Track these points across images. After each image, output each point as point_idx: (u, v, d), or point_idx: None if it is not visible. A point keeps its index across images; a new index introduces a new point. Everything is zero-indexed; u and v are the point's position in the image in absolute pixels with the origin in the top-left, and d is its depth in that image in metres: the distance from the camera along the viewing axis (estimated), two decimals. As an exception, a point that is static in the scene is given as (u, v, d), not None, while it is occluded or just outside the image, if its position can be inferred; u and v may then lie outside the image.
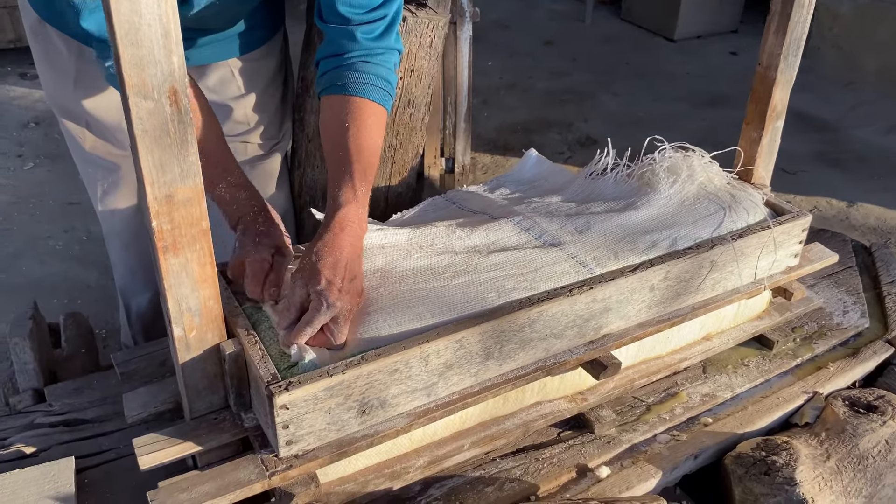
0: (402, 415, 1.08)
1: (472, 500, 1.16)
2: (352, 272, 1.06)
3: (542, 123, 3.73)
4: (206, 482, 1.00)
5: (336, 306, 1.01)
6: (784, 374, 1.46)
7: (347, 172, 1.15)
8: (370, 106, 1.21)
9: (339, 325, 1.02)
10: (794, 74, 1.44)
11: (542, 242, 1.24)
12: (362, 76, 1.22)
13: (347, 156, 1.16)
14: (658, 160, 1.39)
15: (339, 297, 1.02)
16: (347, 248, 1.07)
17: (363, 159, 1.17)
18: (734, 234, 1.33)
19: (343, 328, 1.03)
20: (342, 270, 1.04)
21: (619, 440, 1.28)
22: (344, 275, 1.04)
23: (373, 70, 1.23)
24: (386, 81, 1.24)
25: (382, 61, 1.24)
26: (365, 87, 1.21)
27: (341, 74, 1.23)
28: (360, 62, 1.23)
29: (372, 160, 1.19)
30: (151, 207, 0.90)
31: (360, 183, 1.14)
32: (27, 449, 1.22)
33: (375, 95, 1.22)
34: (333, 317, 1.02)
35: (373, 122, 1.21)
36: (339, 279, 1.03)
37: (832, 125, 3.71)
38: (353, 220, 1.11)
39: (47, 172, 3.17)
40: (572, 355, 1.20)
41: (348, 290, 1.04)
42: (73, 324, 1.60)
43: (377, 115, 1.22)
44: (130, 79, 0.82)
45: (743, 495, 1.21)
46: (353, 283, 1.06)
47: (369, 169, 1.18)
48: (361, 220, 1.13)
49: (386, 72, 1.24)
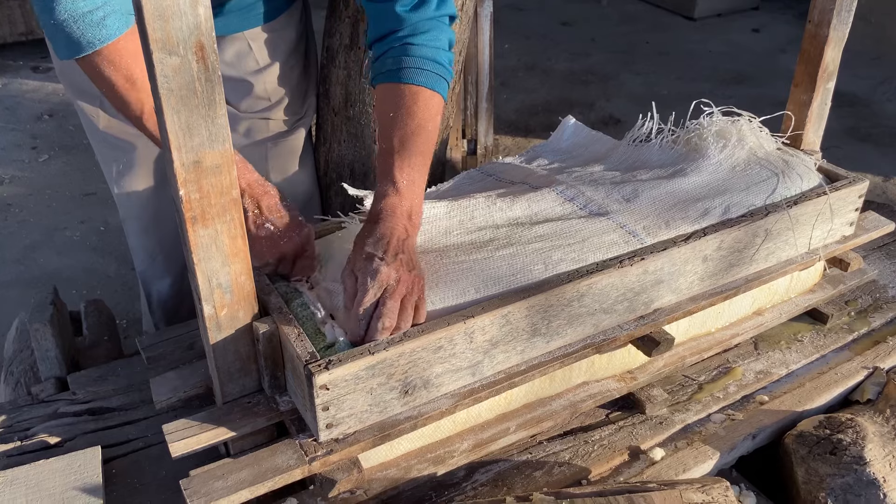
0: (446, 395, 1.02)
1: (520, 485, 1.09)
2: (400, 250, 1.00)
3: (564, 104, 3.65)
4: (242, 469, 0.94)
5: (381, 272, 0.95)
6: (840, 349, 1.38)
7: (387, 165, 1.09)
8: (414, 91, 1.14)
9: (394, 296, 0.95)
10: (846, 31, 1.36)
11: (588, 212, 1.17)
12: (407, 60, 1.14)
13: (390, 147, 1.10)
14: (706, 125, 1.31)
15: (386, 263, 0.96)
16: (389, 231, 1.01)
17: (406, 149, 1.10)
18: (789, 201, 1.25)
19: (408, 308, 0.96)
20: (390, 245, 0.98)
21: (671, 420, 1.21)
22: (392, 248, 0.98)
23: (418, 52, 1.15)
24: (433, 62, 1.15)
25: (428, 40, 1.16)
26: (408, 73, 1.14)
27: (385, 61, 1.17)
28: (405, 45, 1.16)
29: (419, 148, 1.11)
30: (178, 175, 0.83)
31: (401, 174, 1.07)
32: (51, 439, 1.17)
33: (421, 79, 1.14)
34: (393, 288, 0.96)
35: (419, 108, 1.13)
36: (384, 252, 0.97)
37: (862, 100, 3.61)
38: (390, 210, 1.04)
39: (62, 164, 3.13)
40: (622, 331, 1.13)
41: (399, 266, 0.97)
42: (95, 311, 1.55)
43: (424, 100, 1.14)
44: (154, 32, 0.75)
45: (807, 476, 1.14)
46: (404, 258, 0.99)
47: (416, 157, 1.10)
48: (407, 211, 1.06)
49: (433, 52, 1.16)
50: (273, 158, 1.57)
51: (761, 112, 1.40)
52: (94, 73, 1.07)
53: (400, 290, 0.96)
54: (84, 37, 1.02)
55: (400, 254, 0.99)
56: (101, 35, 1.02)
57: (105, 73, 1.06)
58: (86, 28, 1.01)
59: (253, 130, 1.53)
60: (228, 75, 1.46)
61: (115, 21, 1.02)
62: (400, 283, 0.96)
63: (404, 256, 0.99)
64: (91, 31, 1.01)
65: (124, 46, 1.04)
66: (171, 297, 1.66)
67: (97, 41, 1.02)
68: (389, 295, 0.95)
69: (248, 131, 1.53)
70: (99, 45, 1.02)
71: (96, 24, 1.01)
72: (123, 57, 1.05)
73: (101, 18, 1.01)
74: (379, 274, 0.95)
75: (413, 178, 1.09)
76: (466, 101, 2.49)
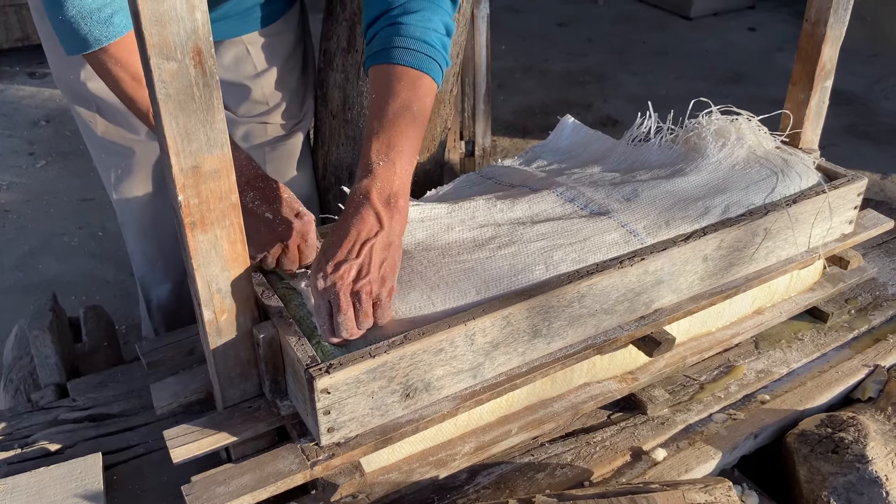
0: (447, 398, 1.01)
1: (522, 487, 1.09)
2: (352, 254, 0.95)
3: (561, 105, 3.65)
4: (244, 474, 0.94)
5: (317, 288, 0.93)
6: (841, 347, 1.38)
7: (365, 149, 1.04)
8: (400, 71, 1.10)
9: (339, 310, 0.93)
10: (843, 30, 1.36)
11: (589, 211, 1.17)
12: (394, 40, 1.11)
13: (370, 130, 1.06)
14: (704, 124, 1.31)
15: (324, 277, 0.93)
16: (348, 229, 0.97)
17: (386, 130, 1.05)
18: (788, 200, 1.25)
19: (343, 311, 0.93)
20: (339, 251, 0.95)
21: (673, 421, 1.21)
22: (338, 256, 0.94)
23: (405, 31, 1.11)
24: (421, 42, 1.11)
25: (418, 19, 1.12)
26: (394, 53, 1.10)
27: (374, 43, 1.14)
28: (394, 24, 1.12)
29: (400, 129, 1.05)
30: (177, 180, 0.83)
31: (378, 156, 1.02)
32: (52, 446, 1.17)
33: (408, 59, 1.10)
34: (336, 303, 0.93)
35: (402, 88, 1.08)
36: (327, 261, 0.94)
37: (860, 98, 3.61)
38: (360, 197, 0.99)
39: (59, 169, 3.12)
40: (623, 332, 1.13)
41: (344, 270, 0.94)
42: (94, 317, 1.55)
43: (410, 80, 1.09)
44: (151, 37, 0.75)
45: (809, 475, 1.14)
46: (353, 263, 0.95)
47: (397, 137, 1.04)
48: (383, 195, 1.00)
49: (421, 31, 1.12)
50: (271, 162, 1.57)
51: (759, 111, 1.40)
52: (102, 69, 1.07)
53: (343, 303, 0.93)
54: (91, 34, 1.02)
55: (348, 261, 0.94)
56: (108, 32, 1.02)
57: (112, 71, 1.06)
58: (93, 25, 1.02)
59: (251, 135, 1.53)
60: (226, 80, 1.46)
61: (122, 19, 1.03)
62: (341, 297, 0.92)
63: (352, 264, 0.94)
64: (98, 29, 1.02)
65: (131, 44, 1.04)
66: (170, 302, 1.65)
67: (104, 38, 1.03)
68: (336, 310, 0.93)
69: (246, 136, 1.53)
70: (105, 42, 1.03)
71: (104, 21, 1.02)
72: (130, 54, 1.05)
73: (108, 16, 1.02)
74: (316, 290, 0.93)
75: (392, 158, 1.02)
76: (464, 102, 2.48)
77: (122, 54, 1.05)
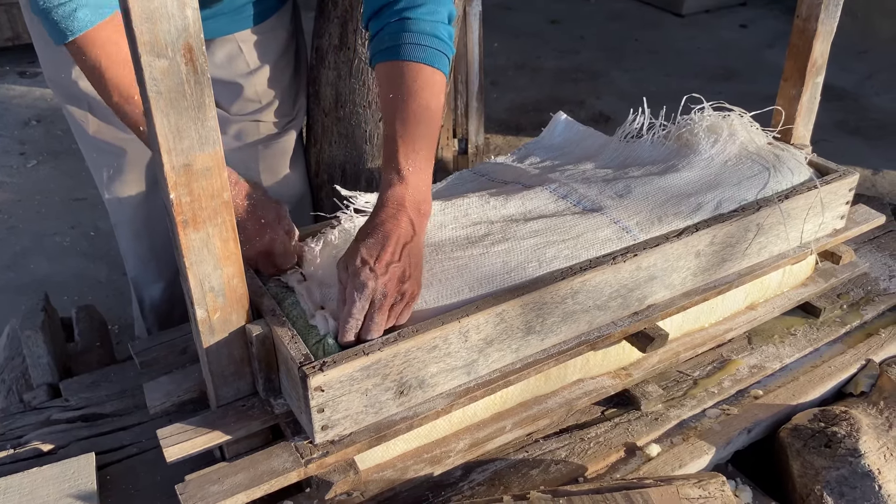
0: (441, 395, 1.01)
1: (516, 483, 1.09)
2: (396, 257, 0.97)
3: (554, 102, 3.65)
4: (238, 473, 0.93)
5: (368, 287, 0.93)
6: (833, 342, 1.39)
7: (390, 151, 1.05)
8: (415, 68, 1.09)
9: (381, 310, 0.94)
10: (835, 26, 1.36)
11: (582, 208, 1.17)
12: (405, 36, 1.10)
13: (392, 132, 1.06)
14: (697, 120, 1.31)
15: (375, 277, 0.94)
16: (390, 232, 0.98)
17: (409, 133, 1.06)
18: (780, 196, 1.26)
19: (392, 316, 0.96)
20: (385, 252, 0.96)
21: (667, 416, 1.21)
22: (386, 257, 0.96)
23: (415, 27, 1.10)
24: (433, 37, 1.10)
25: (426, 13, 1.11)
26: (407, 49, 1.09)
27: (383, 38, 1.13)
28: (402, 19, 1.11)
29: (423, 131, 1.07)
30: (169, 178, 0.83)
31: (406, 161, 1.04)
32: (45, 446, 1.16)
33: (422, 55, 1.09)
34: (380, 302, 0.94)
35: (420, 87, 1.08)
36: (375, 260, 0.95)
37: (850, 94, 3.62)
38: (396, 203, 1.01)
39: (51, 169, 3.11)
40: (617, 328, 1.13)
41: (389, 279, 0.95)
42: (86, 317, 1.54)
43: (425, 77, 1.09)
44: (142, 35, 0.75)
45: (802, 469, 1.14)
46: (398, 266, 0.97)
47: (420, 141, 1.06)
48: (415, 203, 1.02)
49: (431, 26, 1.11)
50: (264, 160, 1.56)
51: (750, 107, 1.40)
52: (77, 59, 1.09)
53: (387, 303, 0.94)
54: (59, 26, 1.05)
55: (394, 263, 0.96)
56: (73, 27, 1.05)
57: (83, 61, 1.08)
58: (60, 19, 1.05)
59: (244, 133, 1.53)
60: (219, 78, 1.46)
61: (85, 14, 1.05)
62: (388, 297, 0.94)
63: (398, 266, 0.96)
64: (64, 23, 1.05)
65: (98, 37, 1.06)
66: (163, 301, 1.65)
67: (69, 32, 1.05)
68: (377, 309, 0.94)
69: (239, 134, 1.52)
70: (71, 36, 1.05)
71: (67, 16, 1.04)
72: (98, 47, 1.07)
73: (71, 11, 1.04)
74: (366, 289, 0.93)
75: (419, 164, 1.05)
76: (457, 100, 2.48)
77: (90, 47, 1.06)
